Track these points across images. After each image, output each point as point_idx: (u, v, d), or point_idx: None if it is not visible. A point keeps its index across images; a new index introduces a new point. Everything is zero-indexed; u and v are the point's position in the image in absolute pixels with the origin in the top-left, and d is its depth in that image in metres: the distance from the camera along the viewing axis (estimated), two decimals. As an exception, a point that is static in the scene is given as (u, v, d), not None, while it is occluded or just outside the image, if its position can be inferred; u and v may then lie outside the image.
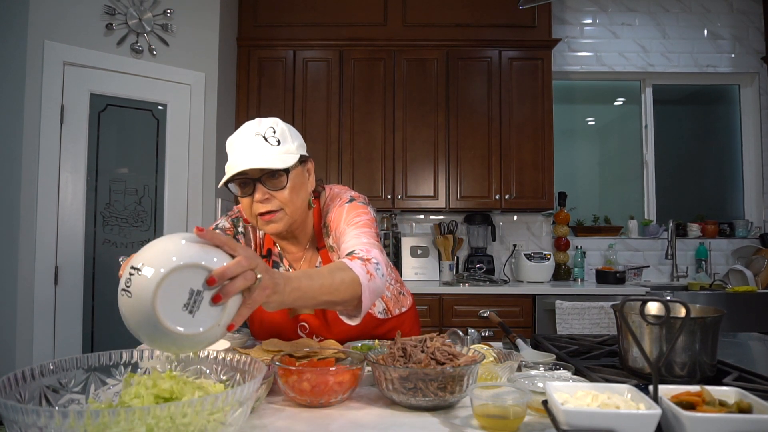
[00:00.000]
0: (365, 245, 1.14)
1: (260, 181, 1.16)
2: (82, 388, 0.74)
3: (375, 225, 1.27)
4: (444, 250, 3.57)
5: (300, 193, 1.21)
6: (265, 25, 3.50)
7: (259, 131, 1.17)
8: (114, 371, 0.78)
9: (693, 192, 4.02)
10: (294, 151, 1.19)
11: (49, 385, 0.70)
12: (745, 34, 3.86)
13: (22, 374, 0.67)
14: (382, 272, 1.09)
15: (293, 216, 1.21)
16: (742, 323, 3.05)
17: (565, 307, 2.96)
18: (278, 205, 1.18)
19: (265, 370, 0.75)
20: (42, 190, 2.46)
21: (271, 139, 1.16)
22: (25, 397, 0.66)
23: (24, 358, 2.39)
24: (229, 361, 0.80)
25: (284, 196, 1.17)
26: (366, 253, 1.10)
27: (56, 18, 2.52)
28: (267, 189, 1.17)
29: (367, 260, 1.07)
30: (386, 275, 1.15)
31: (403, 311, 1.49)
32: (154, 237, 2.82)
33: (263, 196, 1.17)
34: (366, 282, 1.02)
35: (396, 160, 3.43)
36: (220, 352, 0.81)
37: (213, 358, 0.81)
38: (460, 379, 0.86)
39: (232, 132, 1.23)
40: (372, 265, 1.07)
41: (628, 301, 0.85)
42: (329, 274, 0.98)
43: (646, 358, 0.78)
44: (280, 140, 1.17)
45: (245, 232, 1.38)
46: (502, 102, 3.45)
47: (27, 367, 0.68)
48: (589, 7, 3.88)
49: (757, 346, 1.46)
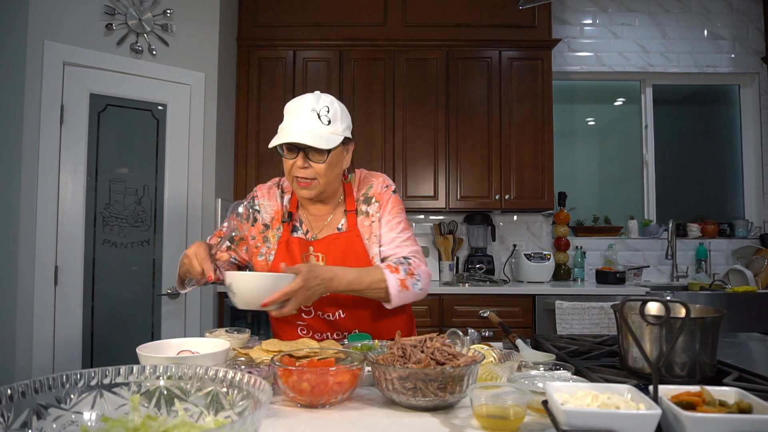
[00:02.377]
0: (415, 254, 1.42)
1: (304, 151, 1.31)
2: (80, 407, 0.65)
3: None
4: (444, 250, 3.57)
5: (335, 169, 1.38)
6: (265, 25, 3.50)
7: (315, 108, 1.31)
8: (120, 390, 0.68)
9: (693, 192, 4.02)
10: (340, 132, 1.34)
11: (45, 403, 0.63)
12: (745, 34, 3.86)
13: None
14: (420, 287, 1.37)
15: (325, 187, 1.37)
16: (742, 323, 3.05)
17: (565, 307, 2.96)
18: (314, 175, 1.33)
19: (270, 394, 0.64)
20: (42, 191, 2.46)
21: (324, 117, 1.31)
22: (8, 419, 0.58)
23: (24, 358, 2.39)
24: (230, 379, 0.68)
25: (321, 169, 1.33)
26: (415, 267, 1.37)
27: (56, 18, 2.52)
28: (308, 159, 1.32)
29: (411, 274, 1.34)
30: (427, 285, 1.41)
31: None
32: (154, 237, 2.84)
33: (304, 164, 1.32)
34: (396, 293, 1.32)
35: (396, 160, 3.43)
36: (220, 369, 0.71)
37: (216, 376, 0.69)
38: (460, 380, 0.86)
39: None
40: (412, 279, 1.34)
41: (628, 301, 0.85)
42: (367, 274, 1.30)
43: (646, 358, 0.78)
44: (331, 120, 1.32)
45: (260, 209, 1.50)
46: (502, 102, 3.45)
47: (21, 383, 0.61)
48: (589, 7, 3.88)
49: (757, 346, 1.46)
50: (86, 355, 2.58)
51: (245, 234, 1.48)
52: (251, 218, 1.49)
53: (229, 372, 0.68)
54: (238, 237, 1.49)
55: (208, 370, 0.69)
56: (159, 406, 0.68)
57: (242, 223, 1.48)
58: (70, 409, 0.65)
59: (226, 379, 0.68)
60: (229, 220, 1.29)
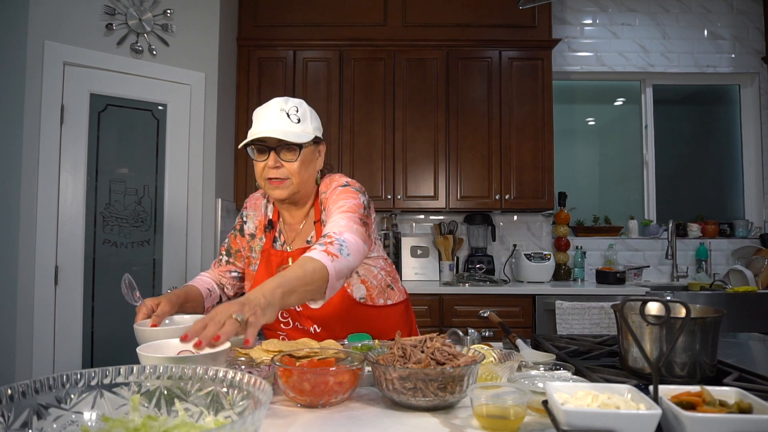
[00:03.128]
0: (341, 228, 1.21)
1: (275, 150, 1.31)
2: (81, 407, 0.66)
3: (362, 211, 1.32)
4: (444, 250, 3.57)
5: (308, 168, 1.36)
6: (265, 25, 3.50)
7: (284, 108, 1.32)
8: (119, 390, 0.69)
9: (693, 192, 4.02)
10: (311, 131, 1.34)
11: (45, 403, 0.63)
12: (745, 34, 3.86)
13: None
14: (348, 251, 1.15)
15: (298, 187, 1.35)
16: (742, 323, 3.05)
17: (565, 307, 2.96)
18: (286, 174, 1.32)
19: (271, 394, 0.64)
20: (42, 191, 2.46)
21: (293, 116, 1.32)
22: (9, 419, 0.59)
23: (24, 358, 2.39)
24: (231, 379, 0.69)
25: (293, 168, 1.32)
26: (337, 235, 1.17)
27: (56, 18, 2.52)
28: (279, 158, 1.31)
29: (330, 242, 1.14)
30: (358, 252, 1.19)
31: (388, 303, 1.50)
32: (154, 237, 2.84)
33: (275, 163, 1.31)
34: (329, 263, 1.09)
35: (396, 160, 3.43)
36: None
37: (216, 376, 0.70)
38: (460, 380, 0.86)
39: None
40: (335, 246, 1.13)
41: (628, 301, 0.85)
42: (300, 267, 1.06)
43: (646, 358, 0.78)
44: (301, 119, 1.33)
45: (247, 220, 1.52)
46: (502, 102, 3.45)
47: (21, 382, 0.61)
48: (589, 7, 3.88)
49: (757, 346, 1.46)
50: (86, 355, 2.58)
51: (239, 246, 1.52)
52: (242, 230, 1.51)
53: (229, 372, 0.68)
54: (234, 250, 1.53)
55: (209, 370, 0.69)
56: (159, 406, 0.69)
57: (236, 236, 1.53)
58: (71, 409, 0.65)
59: (227, 379, 0.68)
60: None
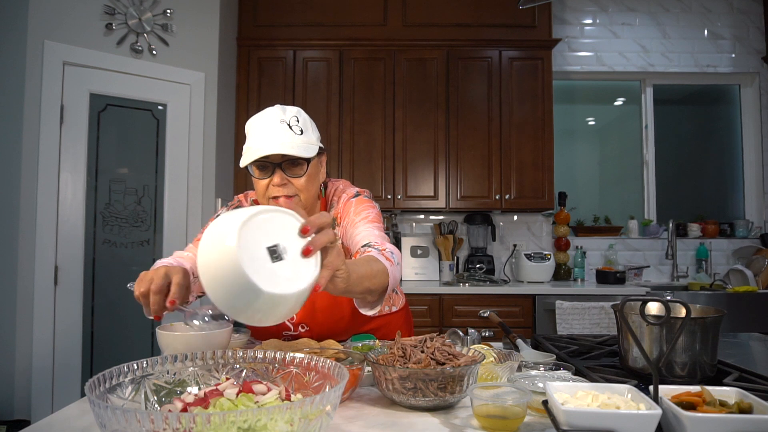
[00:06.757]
0: (378, 237, 1.19)
1: (280, 167, 1.20)
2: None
3: (382, 219, 1.32)
4: (444, 250, 3.57)
5: (315, 182, 1.28)
6: (265, 24, 3.50)
7: (284, 118, 1.21)
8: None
9: (693, 192, 4.02)
10: (314, 142, 1.24)
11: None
12: (746, 34, 3.86)
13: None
14: (398, 260, 1.12)
15: (306, 203, 1.26)
16: (742, 323, 3.04)
17: (565, 307, 2.95)
18: (294, 191, 1.23)
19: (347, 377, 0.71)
20: (42, 190, 2.46)
21: (295, 127, 1.21)
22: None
23: (24, 358, 2.39)
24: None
25: (301, 183, 1.23)
26: (380, 245, 1.14)
27: (56, 18, 2.52)
28: (286, 175, 1.21)
29: (383, 249, 1.10)
30: (400, 264, 1.16)
31: (393, 311, 1.49)
32: (154, 237, 2.84)
33: (282, 181, 1.21)
34: (390, 267, 1.04)
35: (396, 160, 3.43)
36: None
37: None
38: (460, 379, 0.86)
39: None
40: (388, 254, 1.09)
41: (628, 301, 0.85)
42: (367, 263, 0.99)
43: (647, 358, 0.78)
44: (303, 129, 1.22)
45: None
46: (502, 102, 3.45)
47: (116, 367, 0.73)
48: (589, 7, 3.88)
49: (758, 346, 1.46)
50: (86, 355, 2.58)
51: None
52: None
53: (306, 357, 0.81)
54: None
55: (287, 355, 0.82)
56: None
57: None
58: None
59: (303, 364, 0.81)
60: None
